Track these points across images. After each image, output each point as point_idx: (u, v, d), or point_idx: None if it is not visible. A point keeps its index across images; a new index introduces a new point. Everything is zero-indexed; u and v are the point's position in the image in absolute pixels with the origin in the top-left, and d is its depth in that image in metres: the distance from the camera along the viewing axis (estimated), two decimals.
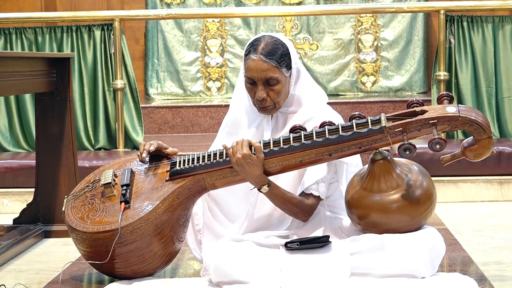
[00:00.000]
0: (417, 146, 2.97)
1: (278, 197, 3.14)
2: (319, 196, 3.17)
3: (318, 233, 3.22)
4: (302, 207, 3.16)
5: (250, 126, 3.33)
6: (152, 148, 3.24)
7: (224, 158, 3.13)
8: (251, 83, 3.21)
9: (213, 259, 3.06)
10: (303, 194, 3.17)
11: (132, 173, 3.27)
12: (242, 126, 3.36)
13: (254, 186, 3.13)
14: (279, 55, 3.18)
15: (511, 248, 3.82)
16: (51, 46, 5.86)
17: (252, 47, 3.20)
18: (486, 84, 5.73)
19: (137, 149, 5.68)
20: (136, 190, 3.19)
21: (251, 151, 3.07)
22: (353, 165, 3.28)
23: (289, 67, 3.21)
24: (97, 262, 3.15)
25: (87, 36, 5.85)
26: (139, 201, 3.14)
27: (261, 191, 3.11)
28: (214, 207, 3.38)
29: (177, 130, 6.50)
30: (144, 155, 3.23)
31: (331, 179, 3.27)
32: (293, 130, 3.13)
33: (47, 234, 4.25)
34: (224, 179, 3.16)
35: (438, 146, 2.95)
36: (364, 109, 6.45)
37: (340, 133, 3.04)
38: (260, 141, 3.12)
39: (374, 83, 7.22)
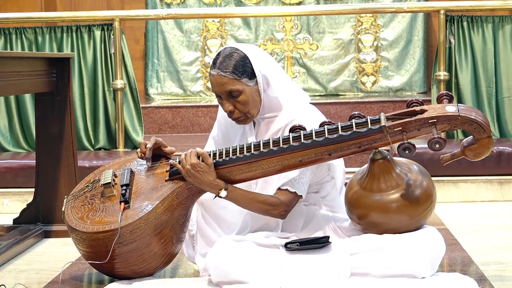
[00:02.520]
0: (416, 145, 2.97)
1: (241, 198, 3.13)
2: (295, 192, 3.16)
3: (318, 234, 3.21)
4: (271, 203, 3.13)
5: (235, 134, 3.33)
6: (149, 145, 3.24)
7: (223, 158, 3.13)
8: (219, 97, 3.22)
9: (213, 259, 3.06)
10: (278, 191, 3.16)
11: (132, 173, 3.27)
12: (229, 135, 3.36)
13: (214, 195, 3.14)
14: (237, 67, 3.16)
15: (511, 248, 3.82)
16: (51, 46, 5.86)
17: (213, 62, 3.21)
18: (486, 84, 5.73)
19: (138, 148, 5.67)
20: (135, 190, 3.19)
21: (199, 160, 3.09)
22: (335, 165, 3.27)
23: (252, 76, 3.19)
24: (97, 262, 3.15)
25: (87, 36, 5.86)
26: (138, 201, 3.14)
27: (220, 197, 3.11)
28: (208, 216, 3.38)
29: (177, 130, 6.50)
30: (148, 153, 3.23)
31: (326, 176, 3.26)
32: (292, 130, 3.13)
33: (47, 234, 4.25)
34: (223, 179, 3.15)
35: (437, 146, 2.95)
36: (364, 109, 6.45)
37: (340, 133, 3.03)
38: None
39: (374, 83, 7.22)
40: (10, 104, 5.84)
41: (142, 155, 3.25)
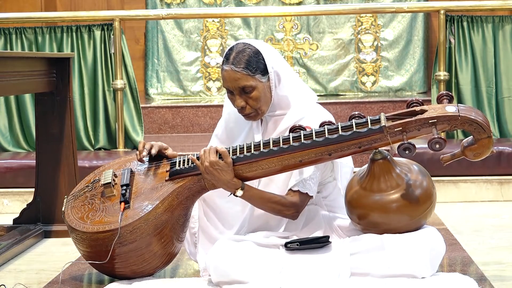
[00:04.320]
0: (416, 145, 2.97)
1: (256, 198, 3.13)
2: (307, 193, 3.16)
3: (318, 234, 3.22)
4: (284, 204, 3.14)
5: (241, 132, 3.33)
6: (154, 152, 3.24)
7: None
8: (230, 93, 3.22)
9: (213, 259, 3.06)
10: (290, 192, 3.17)
11: (132, 173, 3.27)
12: (234, 133, 3.36)
13: (230, 193, 3.14)
14: (250, 62, 3.16)
15: (511, 248, 3.82)
16: (51, 46, 5.86)
17: (225, 57, 3.20)
18: (486, 84, 5.74)
19: (137, 149, 5.68)
20: (136, 190, 3.19)
21: (218, 157, 3.08)
22: (344, 164, 3.28)
23: (264, 72, 3.20)
24: (97, 262, 3.15)
25: (87, 36, 5.86)
26: (138, 201, 3.14)
27: (236, 195, 3.11)
28: (209, 212, 3.38)
29: (177, 130, 6.50)
30: (144, 153, 3.23)
31: (329, 177, 3.27)
32: (292, 130, 3.13)
33: (47, 234, 4.25)
34: None
35: (437, 146, 2.95)
36: (364, 109, 6.45)
37: (340, 133, 3.03)
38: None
39: (374, 83, 7.22)
40: (10, 104, 5.84)
41: (141, 158, 3.24)
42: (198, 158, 3.14)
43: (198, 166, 3.11)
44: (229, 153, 3.11)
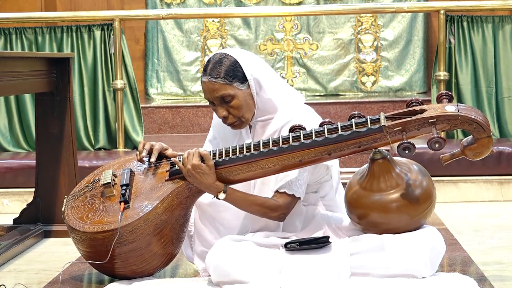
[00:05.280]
0: (416, 145, 2.97)
1: (240, 200, 3.13)
2: (293, 194, 3.16)
3: (318, 234, 3.21)
4: (269, 206, 3.14)
5: (233, 137, 3.32)
6: (152, 160, 3.23)
7: (223, 158, 3.13)
8: (212, 104, 3.22)
9: (213, 258, 3.06)
10: (276, 194, 3.17)
11: (132, 173, 3.27)
12: (226, 138, 3.35)
13: (213, 196, 3.14)
14: (227, 71, 3.16)
15: (511, 248, 3.82)
16: (51, 46, 5.86)
17: (204, 69, 3.21)
18: (486, 84, 5.74)
19: (137, 149, 5.68)
20: (135, 190, 3.19)
21: (201, 161, 3.08)
22: (330, 165, 3.26)
23: (243, 80, 3.19)
24: (97, 262, 3.15)
25: (87, 36, 5.86)
26: (138, 201, 3.14)
27: (218, 198, 3.12)
28: (204, 218, 3.37)
29: (177, 130, 6.50)
30: (144, 153, 3.23)
31: (325, 175, 3.26)
32: (292, 129, 3.13)
33: (47, 234, 4.25)
34: (223, 179, 3.16)
35: (437, 145, 2.95)
36: (364, 109, 6.45)
37: (339, 132, 3.03)
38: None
39: (374, 83, 7.22)
40: (10, 104, 5.84)
41: (141, 158, 3.24)
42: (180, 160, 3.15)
43: (181, 169, 3.12)
44: (222, 155, 3.11)
